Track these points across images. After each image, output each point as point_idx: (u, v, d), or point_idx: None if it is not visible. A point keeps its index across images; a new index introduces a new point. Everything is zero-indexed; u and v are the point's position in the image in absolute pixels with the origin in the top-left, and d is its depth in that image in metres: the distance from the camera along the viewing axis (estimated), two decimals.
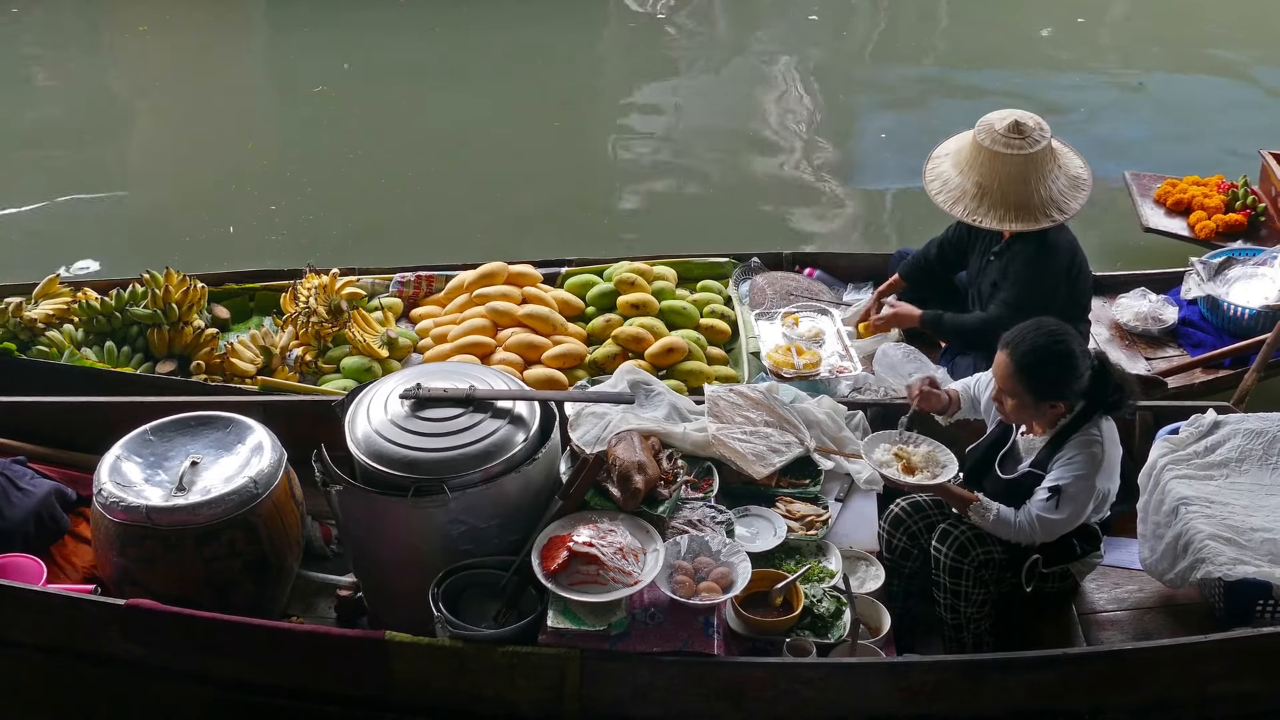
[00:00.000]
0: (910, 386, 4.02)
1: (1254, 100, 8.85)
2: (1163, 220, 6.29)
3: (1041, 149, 4.80)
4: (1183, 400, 4.92)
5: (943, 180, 4.97)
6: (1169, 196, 6.33)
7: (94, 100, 9.20)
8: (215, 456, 3.89)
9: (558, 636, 3.43)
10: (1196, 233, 6.09)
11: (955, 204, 4.89)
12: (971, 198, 4.85)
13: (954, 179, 4.93)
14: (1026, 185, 4.78)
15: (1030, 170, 4.78)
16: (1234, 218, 6.08)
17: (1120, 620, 3.97)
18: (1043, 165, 4.81)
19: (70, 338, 5.24)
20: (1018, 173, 4.77)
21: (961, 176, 4.90)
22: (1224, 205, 6.18)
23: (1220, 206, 6.16)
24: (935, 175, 5.01)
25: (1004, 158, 4.78)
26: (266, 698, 3.66)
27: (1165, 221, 6.28)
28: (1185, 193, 6.30)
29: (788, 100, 9.11)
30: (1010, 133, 4.79)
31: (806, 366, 5.03)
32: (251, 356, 5.27)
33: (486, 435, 3.61)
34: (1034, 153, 4.78)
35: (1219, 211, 6.14)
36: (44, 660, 3.76)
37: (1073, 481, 3.61)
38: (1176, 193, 6.32)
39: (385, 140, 8.29)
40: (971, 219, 4.85)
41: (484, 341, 5.30)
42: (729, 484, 4.08)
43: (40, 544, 4.01)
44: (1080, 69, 9.40)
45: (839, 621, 3.71)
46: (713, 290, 5.73)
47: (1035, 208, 4.79)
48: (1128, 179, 6.58)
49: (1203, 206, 6.18)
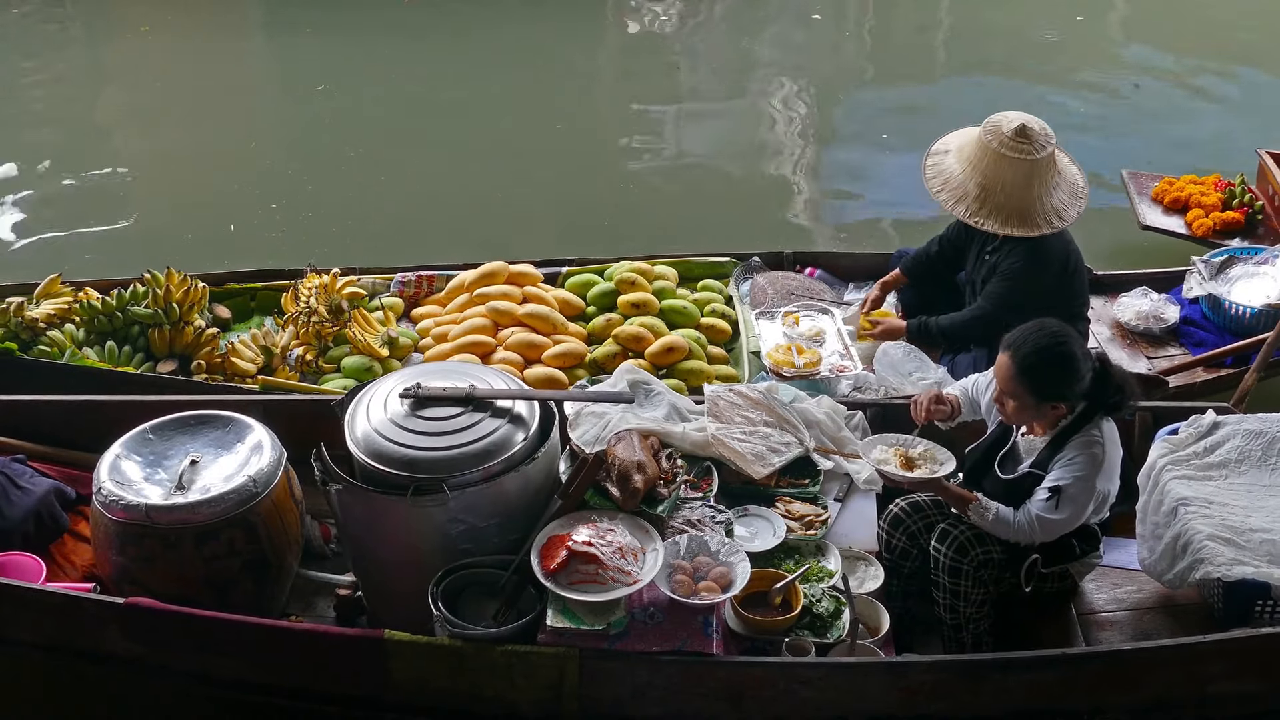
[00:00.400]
0: (915, 407, 3.99)
1: (1252, 99, 8.83)
2: (1160, 218, 6.29)
3: (1046, 155, 4.82)
4: (1184, 399, 4.94)
5: (944, 178, 4.97)
6: (1166, 195, 6.33)
7: (94, 99, 9.21)
8: (215, 455, 3.90)
9: (557, 636, 3.43)
10: (1194, 231, 6.10)
11: (957, 204, 4.90)
12: (974, 199, 4.86)
13: (956, 177, 4.93)
14: (1030, 191, 4.80)
15: (1034, 176, 4.80)
16: (1231, 215, 6.08)
17: (1119, 620, 3.97)
18: (1046, 172, 4.83)
19: (71, 337, 5.24)
20: (1022, 178, 4.79)
21: (965, 176, 4.91)
22: (1221, 203, 6.18)
23: (1218, 204, 6.16)
24: (937, 171, 5.01)
25: (1010, 161, 4.79)
26: (265, 697, 3.66)
27: (1162, 219, 6.28)
28: (1183, 191, 6.30)
29: (789, 100, 9.11)
30: (1017, 137, 4.80)
31: (807, 366, 5.03)
32: (252, 356, 5.27)
33: (486, 434, 3.62)
34: (1039, 159, 4.79)
35: (1216, 209, 6.14)
36: (43, 659, 3.76)
37: (1073, 482, 3.61)
38: (1174, 191, 6.32)
39: (386, 140, 8.29)
40: (973, 220, 4.86)
41: (484, 341, 5.30)
42: (728, 484, 4.08)
43: (40, 543, 4.01)
44: (1080, 69, 9.40)
45: (838, 621, 3.70)
46: (713, 290, 5.73)
47: (1036, 215, 4.81)
48: (1125, 177, 6.59)
49: (1200, 204, 6.18)
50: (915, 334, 5.10)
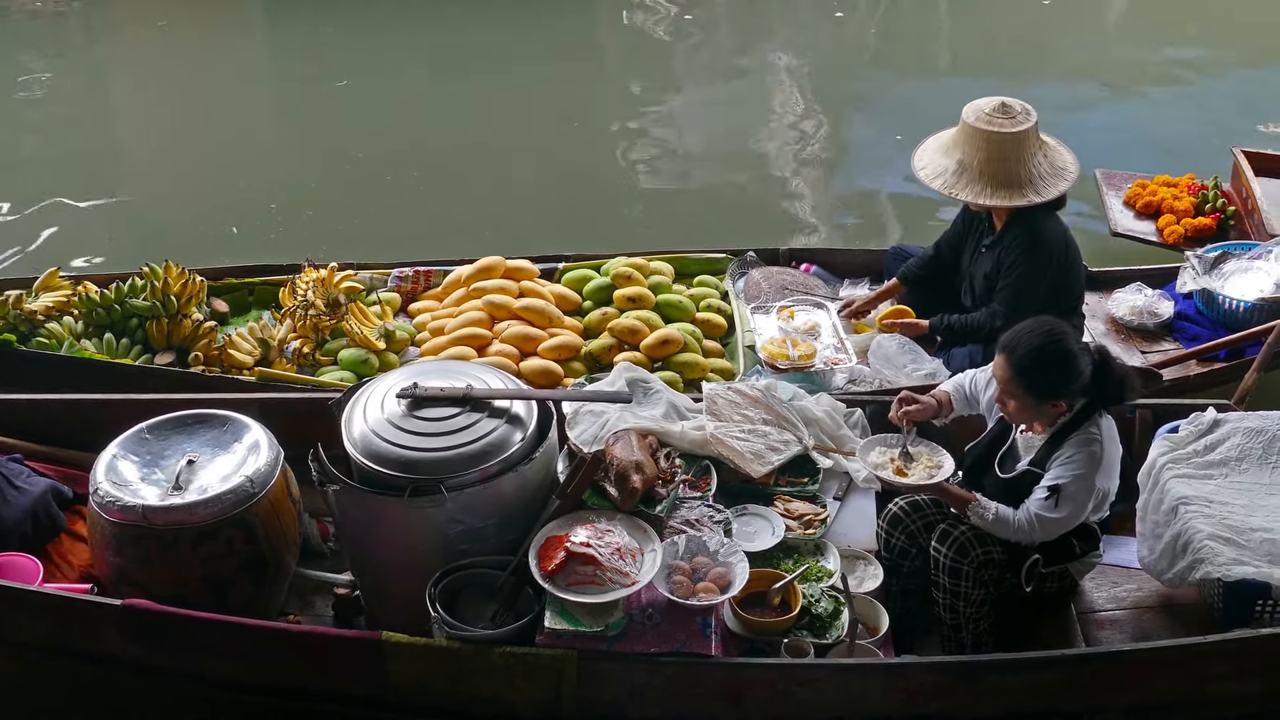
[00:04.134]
0: (893, 413, 3.95)
1: (1229, 98, 8.75)
2: (1132, 224, 6.20)
3: (1025, 129, 4.85)
4: (1178, 393, 4.96)
5: (927, 159, 5.06)
6: (1139, 199, 6.22)
7: (93, 99, 9.19)
8: (212, 455, 3.88)
9: (555, 637, 3.42)
10: (1165, 238, 6.01)
11: (936, 178, 4.97)
12: (952, 173, 4.93)
13: (939, 160, 5.01)
14: (1006, 162, 4.84)
15: (1011, 148, 4.83)
16: (1203, 222, 5.97)
17: (1119, 620, 3.96)
18: (1023, 145, 4.86)
19: (70, 330, 5.25)
20: (998, 150, 4.83)
21: (945, 156, 4.98)
22: (1194, 208, 6.07)
23: (1190, 209, 6.04)
24: (924, 162, 5.08)
25: (987, 135, 4.84)
26: (262, 698, 3.67)
27: (1134, 225, 6.19)
28: (1155, 194, 6.18)
29: (787, 98, 9.07)
30: (995, 111, 4.87)
31: (801, 358, 5.03)
32: (249, 348, 5.28)
33: (484, 435, 3.60)
34: (1016, 131, 4.84)
35: (1188, 215, 6.02)
36: (40, 660, 3.77)
37: (1071, 480, 3.60)
38: (1146, 194, 6.21)
39: (387, 137, 8.27)
40: (949, 192, 4.92)
41: (480, 334, 5.29)
42: (727, 483, 4.06)
43: (37, 543, 4.00)
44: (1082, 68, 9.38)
45: (837, 621, 3.69)
46: (709, 285, 5.73)
47: (1014, 184, 4.84)
48: (1099, 177, 6.46)
49: (1172, 210, 6.06)
50: (938, 330, 5.14)
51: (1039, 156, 4.90)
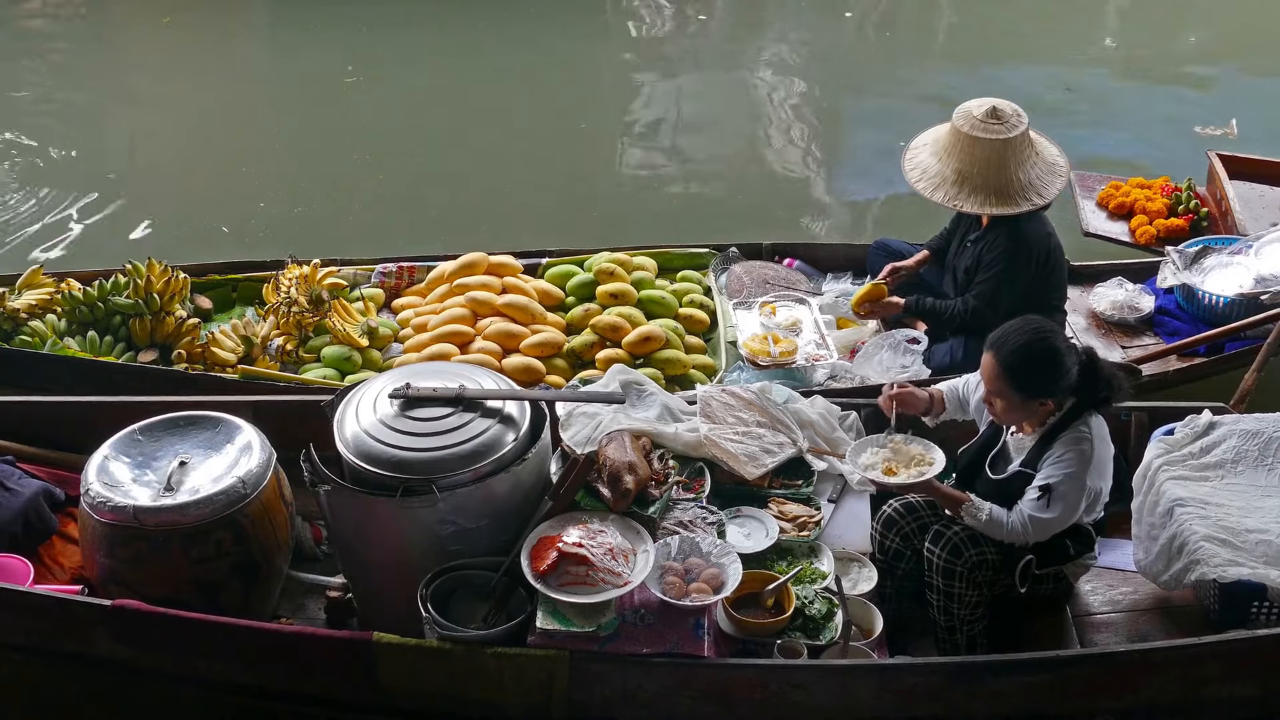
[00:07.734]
0: (882, 396, 3.97)
1: (1206, 101, 8.74)
2: (1104, 224, 6.19)
3: (1019, 134, 4.87)
4: (1157, 388, 5.00)
5: (922, 169, 5.04)
6: (1111, 200, 6.21)
7: (92, 95, 9.19)
8: (203, 456, 3.87)
9: (546, 638, 3.41)
10: (1137, 238, 6.00)
11: (936, 190, 4.96)
12: (952, 184, 4.93)
13: (934, 166, 5.00)
14: (1005, 170, 4.85)
15: (1008, 154, 4.85)
16: (1175, 223, 5.96)
17: (1115, 622, 3.95)
18: (1020, 150, 4.88)
19: (53, 327, 5.26)
20: (996, 157, 4.84)
21: (941, 163, 4.97)
22: (1167, 209, 6.05)
23: (1163, 210, 6.03)
24: (914, 165, 5.08)
25: (982, 142, 4.84)
26: (253, 699, 3.64)
27: (1106, 225, 6.19)
28: (1128, 196, 6.17)
29: (773, 95, 9.10)
30: (988, 118, 4.88)
31: (782, 355, 5.04)
32: (233, 345, 5.29)
33: (476, 435, 3.59)
34: (1011, 137, 4.85)
35: (1161, 216, 6.01)
36: (31, 661, 3.74)
37: (1063, 479, 3.59)
38: (1119, 195, 6.20)
39: (374, 134, 8.30)
40: (952, 204, 4.93)
41: (463, 331, 5.30)
42: (721, 484, 4.05)
43: (28, 544, 3.98)
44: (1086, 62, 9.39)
45: (831, 623, 3.68)
46: (692, 280, 5.75)
47: (1014, 192, 4.86)
48: (1071, 179, 6.47)
49: (1145, 210, 6.06)
50: (912, 311, 5.16)
51: (1034, 158, 4.93)
